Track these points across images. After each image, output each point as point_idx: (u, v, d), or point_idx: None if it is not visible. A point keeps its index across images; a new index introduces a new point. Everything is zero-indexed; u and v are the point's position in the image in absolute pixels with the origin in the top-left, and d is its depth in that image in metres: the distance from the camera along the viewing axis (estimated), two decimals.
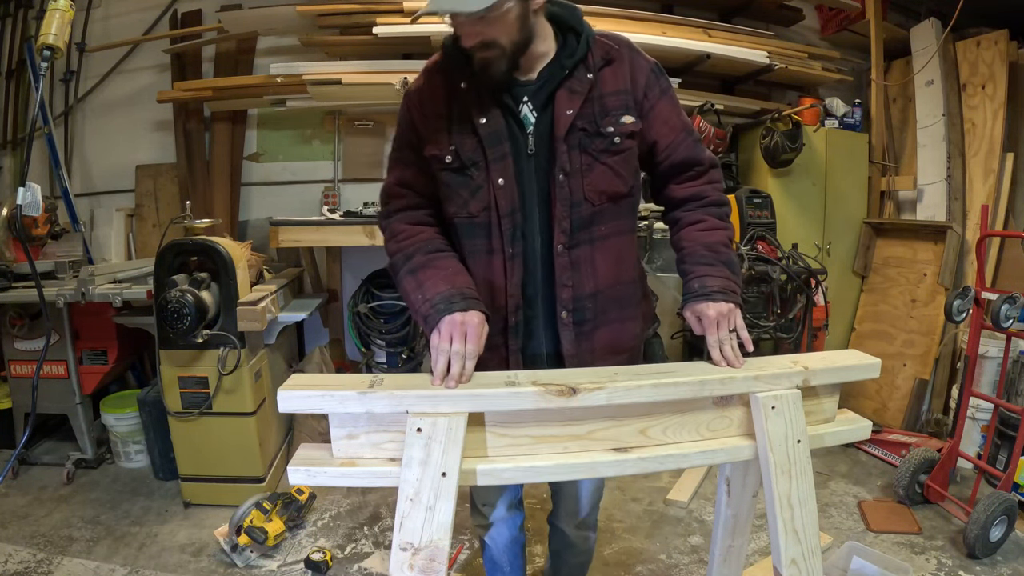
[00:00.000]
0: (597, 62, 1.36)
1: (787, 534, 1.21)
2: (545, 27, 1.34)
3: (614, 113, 1.35)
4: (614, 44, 1.39)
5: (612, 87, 1.36)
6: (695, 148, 1.41)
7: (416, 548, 1.08)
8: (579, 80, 1.34)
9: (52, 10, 1.93)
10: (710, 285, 1.30)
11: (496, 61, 1.26)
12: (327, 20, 3.58)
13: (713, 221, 1.38)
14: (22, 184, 1.94)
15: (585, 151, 1.33)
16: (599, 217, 1.36)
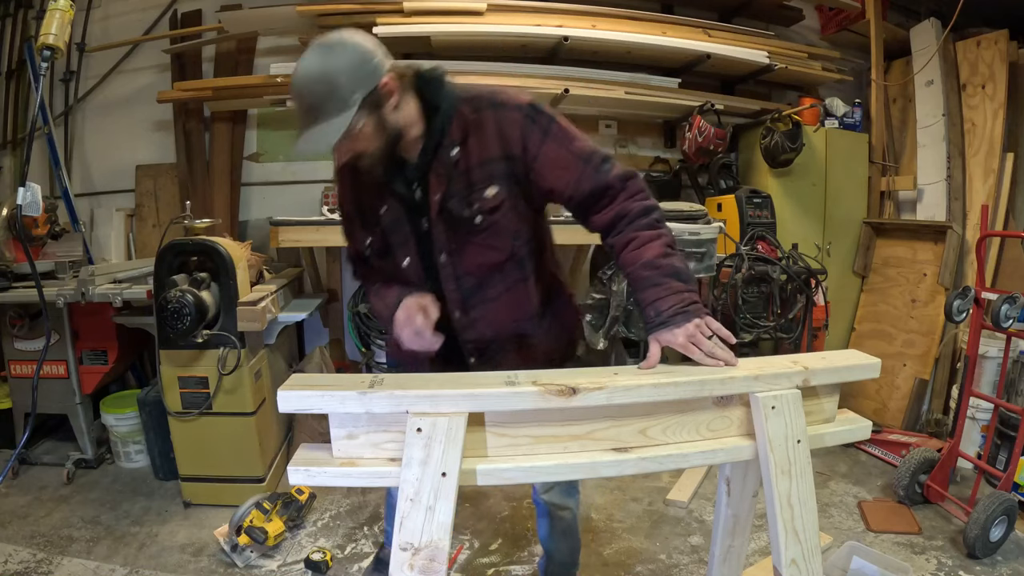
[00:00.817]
0: (459, 135, 1.36)
1: (787, 534, 1.21)
2: (411, 113, 1.35)
3: (479, 188, 1.37)
4: (474, 110, 1.36)
5: (479, 157, 1.36)
6: (598, 175, 1.37)
7: (416, 548, 1.08)
8: (442, 161, 1.37)
9: (52, 10, 1.93)
10: (664, 310, 1.27)
11: (372, 167, 1.35)
12: (327, 20, 3.58)
13: (644, 235, 1.34)
14: (22, 184, 1.94)
15: (455, 232, 1.41)
16: (487, 283, 1.46)
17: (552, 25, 3.56)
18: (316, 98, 1.22)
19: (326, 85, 1.21)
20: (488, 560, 2.34)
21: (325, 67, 1.22)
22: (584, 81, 3.62)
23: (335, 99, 1.21)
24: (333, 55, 1.23)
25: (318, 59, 1.23)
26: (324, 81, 1.21)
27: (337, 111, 1.21)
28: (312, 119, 1.23)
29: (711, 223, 3.16)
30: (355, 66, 1.23)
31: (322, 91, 1.21)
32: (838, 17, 4.12)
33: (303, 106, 1.24)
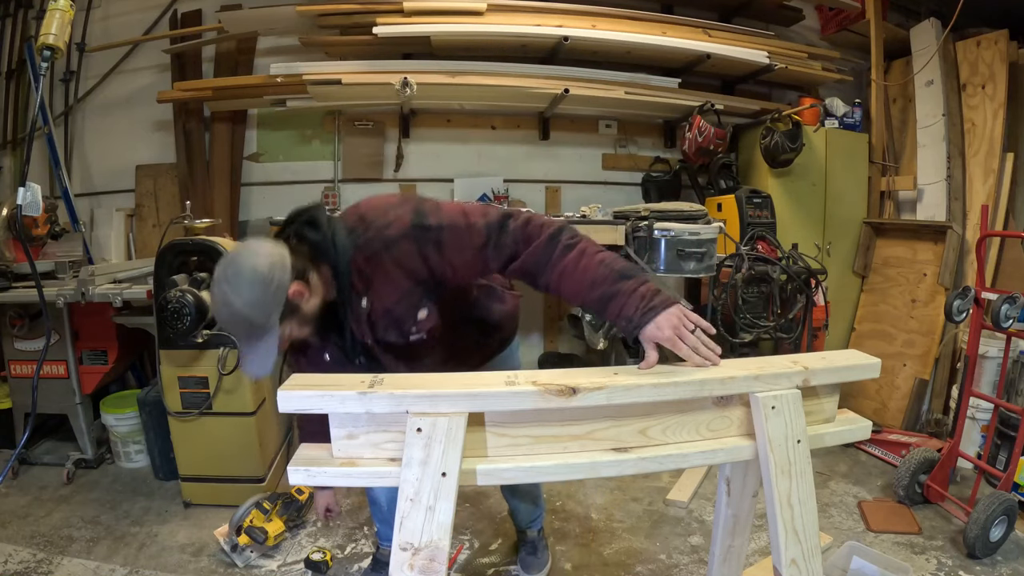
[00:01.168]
0: (362, 286, 1.40)
1: (787, 534, 1.21)
2: (323, 286, 1.39)
3: (408, 319, 1.45)
4: (367, 259, 1.38)
5: (393, 297, 1.40)
6: (499, 250, 1.37)
7: (416, 548, 1.08)
8: (356, 313, 1.43)
9: (52, 10, 1.93)
10: (632, 314, 1.25)
11: (310, 338, 1.47)
12: (327, 20, 3.58)
13: (567, 262, 1.31)
14: (22, 184, 1.94)
15: (398, 354, 1.52)
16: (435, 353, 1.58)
17: (552, 25, 3.56)
18: (241, 330, 1.30)
19: (243, 321, 1.28)
20: (488, 560, 2.34)
21: (234, 307, 1.26)
22: (584, 81, 3.62)
23: (256, 328, 1.29)
24: (237, 294, 1.25)
25: (226, 299, 1.26)
26: (240, 318, 1.27)
27: (261, 336, 1.29)
28: (247, 344, 1.31)
29: (711, 223, 3.16)
30: (259, 298, 1.26)
31: (243, 326, 1.29)
32: (838, 17, 4.12)
33: (236, 336, 1.36)
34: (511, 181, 3.99)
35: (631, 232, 3.14)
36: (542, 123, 4.05)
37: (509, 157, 4.06)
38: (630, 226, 3.15)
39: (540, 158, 4.10)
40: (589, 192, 4.08)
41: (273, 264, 1.27)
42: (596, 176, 4.16)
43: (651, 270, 3.07)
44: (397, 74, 3.37)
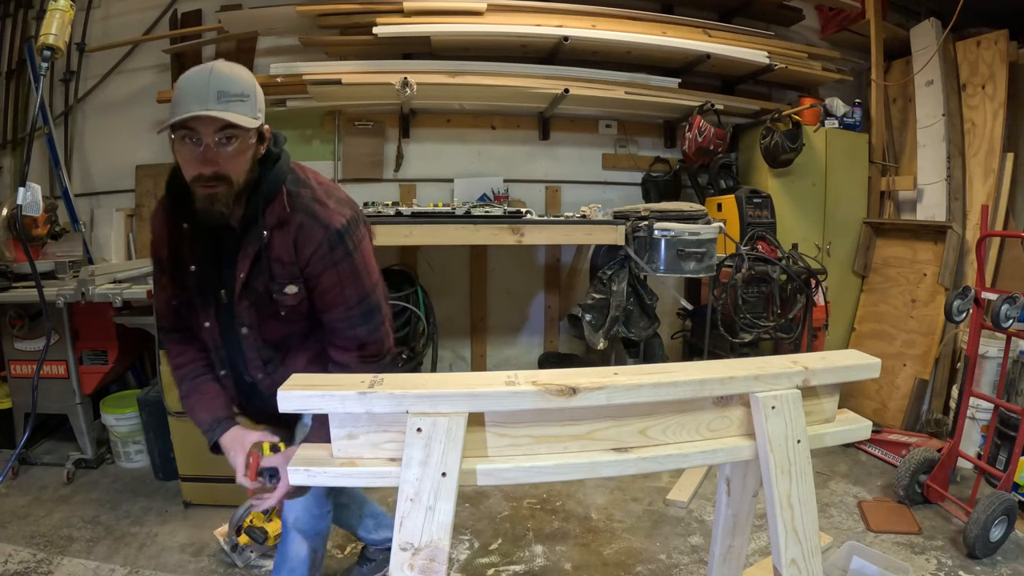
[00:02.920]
0: (272, 222, 1.39)
1: (787, 534, 1.21)
2: (252, 174, 1.39)
3: (280, 282, 1.42)
4: (289, 206, 1.40)
5: (278, 253, 1.41)
6: (353, 327, 1.46)
7: (416, 548, 1.08)
8: (252, 239, 1.40)
9: (52, 10, 1.93)
10: None
11: (222, 197, 1.32)
12: (327, 20, 3.58)
13: None
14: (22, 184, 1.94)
15: (258, 310, 1.45)
16: (286, 346, 1.52)
17: (552, 25, 3.56)
18: (236, 87, 1.29)
19: (248, 86, 1.32)
20: (488, 560, 2.34)
21: (247, 76, 1.33)
22: (584, 81, 3.62)
23: (248, 102, 1.31)
24: (248, 74, 1.35)
25: (238, 68, 1.33)
26: (247, 83, 1.32)
27: (247, 111, 1.31)
28: (226, 99, 1.27)
29: (711, 223, 3.16)
30: (260, 94, 1.37)
31: (244, 87, 1.31)
32: (838, 17, 4.12)
33: (221, 82, 1.28)
34: (511, 181, 3.99)
35: (631, 232, 3.14)
36: (542, 123, 4.05)
37: (509, 157, 4.06)
38: (630, 226, 3.15)
39: (540, 158, 4.10)
40: (589, 192, 4.08)
41: None
42: (596, 176, 4.16)
43: (651, 270, 3.08)
44: (397, 74, 3.37)
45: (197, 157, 1.29)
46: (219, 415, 1.50)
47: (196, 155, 1.29)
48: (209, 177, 1.30)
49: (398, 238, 3.11)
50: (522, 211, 3.22)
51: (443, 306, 3.94)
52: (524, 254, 4.08)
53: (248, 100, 1.32)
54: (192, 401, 1.53)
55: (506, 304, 4.13)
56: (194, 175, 1.31)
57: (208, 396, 1.52)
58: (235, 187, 1.33)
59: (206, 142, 1.28)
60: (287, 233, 1.40)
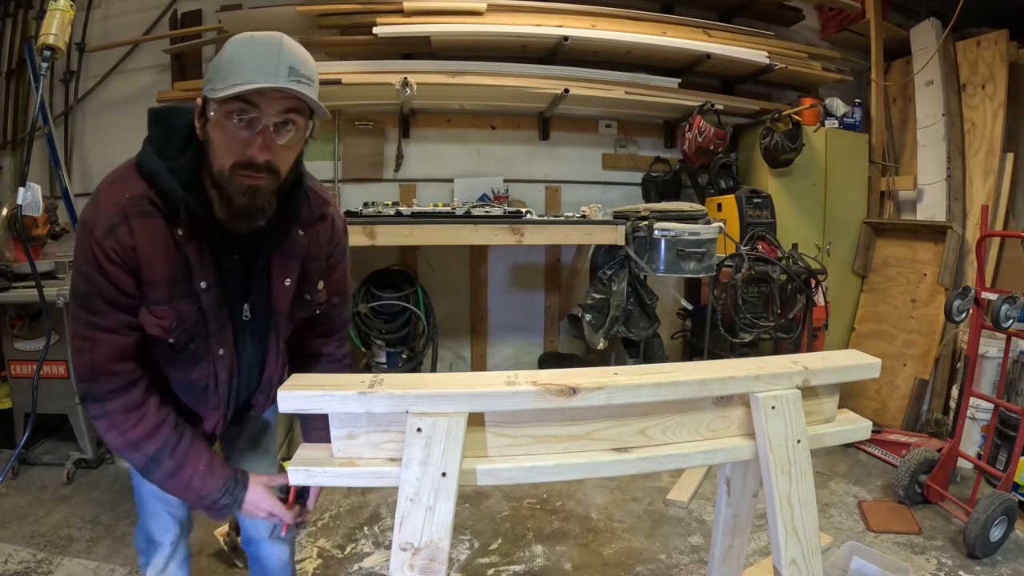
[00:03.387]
0: (307, 218, 1.26)
1: (787, 534, 1.21)
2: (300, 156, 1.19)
3: (314, 280, 1.31)
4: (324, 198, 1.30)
5: (316, 250, 1.29)
6: (343, 313, 1.45)
7: (416, 548, 1.08)
8: (294, 242, 1.23)
9: (52, 10, 1.92)
10: None
11: (265, 192, 1.10)
12: (327, 20, 3.58)
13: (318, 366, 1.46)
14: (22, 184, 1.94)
15: (292, 319, 1.33)
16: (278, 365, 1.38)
17: (552, 25, 3.56)
18: (307, 68, 1.07)
19: (315, 71, 1.10)
20: (488, 560, 2.34)
21: (313, 60, 1.11)
22: (584, 81, 3.62)
23: (314, 87, 1.09)
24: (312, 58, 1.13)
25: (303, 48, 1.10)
26: (315, 67, 1.10)
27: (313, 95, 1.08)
28: (296, 78, 1.04)
29: (711, 223, 3.16)
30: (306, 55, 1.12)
31: (313, 70, 1.09)
32: (838, 17, 4.12)
33: (292, 58, 1.05)
34: (511, 181, 3.99)
35: (631, 232, 3.14)
36: (542, 123, 4.05)
37: (509, 157, 4.06)
38: (630, 226, 3.15)
39: (540, 158, 4.10)
40: (589, 192, 4.08)
41: None
42: (596, 176, 4.16)
43: (651, 270, 3.08)
44: (397, 74, 3.37)
45: (252, 140, 1.06)
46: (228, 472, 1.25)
47: (250, 138, 1.05)
48: (260, 166, 1.07)
49: (398, 238, 3.11)
50: (522, 211, 3.22)
51: (443, 306, 3.94)
52: (524, 254, 4.08)
53: (314, 86, 1.08)
54: (188, 472, 1.19)
55: (506, 304, 4.13)
56: (241, 161, 1.06)
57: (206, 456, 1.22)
58: (279, 183, 1.13)
59: (265, 123, 1.05)
60: (326, 225, 1.31)
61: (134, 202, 1.08)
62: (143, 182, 1.09)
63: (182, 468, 1.18)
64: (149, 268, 1.09)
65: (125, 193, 1.08)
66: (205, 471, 1.20)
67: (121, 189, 1.09)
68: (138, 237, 1.07)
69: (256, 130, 1.05)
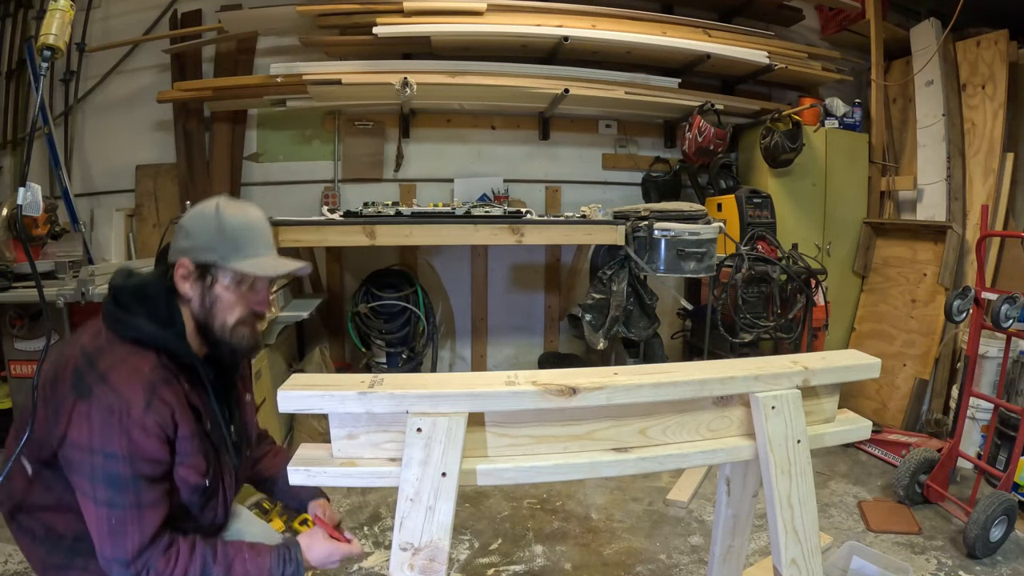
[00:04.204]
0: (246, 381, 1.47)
1: (787, 534, 1.21)
2: None
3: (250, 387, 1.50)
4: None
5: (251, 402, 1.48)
6: None
7: (416, 548, 1.08)
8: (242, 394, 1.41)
9: (52, 10, 1.92)
10: None
11: (255, 334, 1.32)
12: (327, 20, 3.58)
13: None
14: (22, 184, 1.93)
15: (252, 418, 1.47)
16: None
17: (552, 25, 3.56)
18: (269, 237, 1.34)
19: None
20: (488, 560, 2.34)
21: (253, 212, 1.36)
22: (584, 81, 3.62)
23: None
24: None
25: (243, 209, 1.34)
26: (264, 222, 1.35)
27: None
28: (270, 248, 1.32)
29: (711, 223, 3.16)
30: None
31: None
32: (838, 17, 4.12)
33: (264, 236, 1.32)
34: (511, 181, 3.99)
35: (631, 232, 3.14)
36: (542, 123, 4.06)
37: (509, 157, 4.06)
38: (630, 226, 3.15)
39: (540, 158, 4.10)
40: (589, 192, 4.08)
41: None
42: (596, 176, 4.16)
43: (651, 270, 3.08)
44: (397, 74, 3.37)
45: (257, 299, 1.29)
46: (277, 541, 1.32)
47: (256, 297, 1.29)
48: (261, 316, 1.32)
49: (398, 238, 3.11)
50: (522, 211, 3.22)
51: (443, 306, 3.94)
52: (524, 254, 4.08)
53: None
54: (239, 566, 1.19)
55: (506, 304, 4.13)
56: (245, 316, 1.27)
57: (244, 544, 1.24)
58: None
59: (267, 285, 1.32)
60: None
61: (154, 372, 1.14)
62: (149, 351, 1.16)
63: (232, 567, 1.19)
64: (181, 426, 1.16)
65: (143, 368, 1.13)
66: (251, 555, 1.21)
67: (135, 366, 1.13)
68: (172, 402, 1.14)
69: (263, 290, 1.30)
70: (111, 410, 1.07)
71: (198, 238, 1.23)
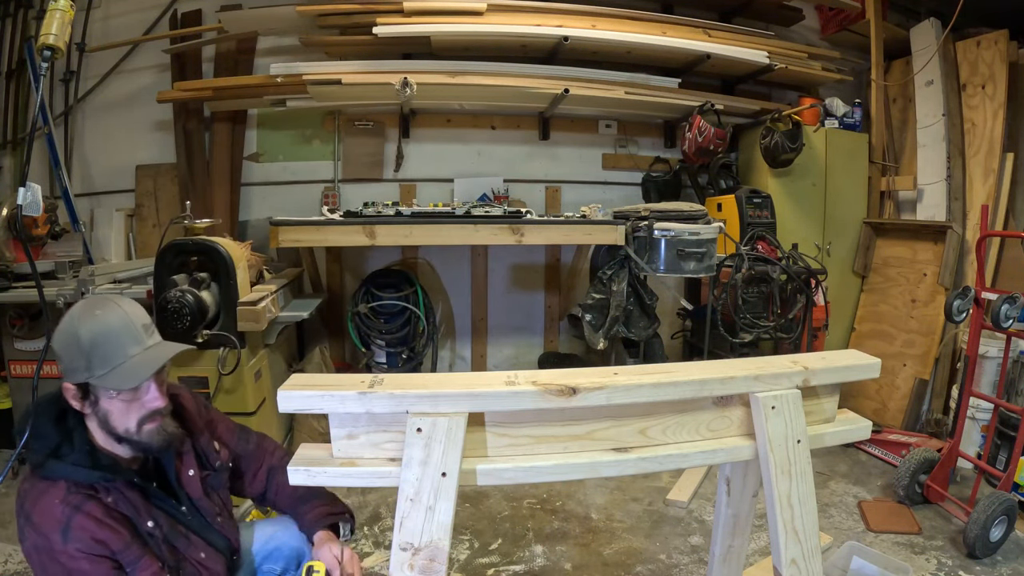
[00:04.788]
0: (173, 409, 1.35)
1: (787, 534, 1.21)
2: None
3: (211, 450, 1.44)
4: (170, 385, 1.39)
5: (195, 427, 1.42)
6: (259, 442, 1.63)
7: (416, 548, 1.08)
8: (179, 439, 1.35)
9: (52, 10, 1.93)
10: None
11: (170, 424, 1.28)
12: (327, 20, 3.58)
13: None
14: (22, 184, 1.94)
15: (217, 490, 1.43)
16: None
17: (552, 25, 3.56)
18: (145, 314, 1.29)
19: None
20: (488, 560, 2.34)
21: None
22: (584, 81, 3.62)
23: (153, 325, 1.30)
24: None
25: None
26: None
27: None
28: (150, 328, 1.28)
29: (711, 223, 3.16)
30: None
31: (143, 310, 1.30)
32: (838, 17, 4.12)
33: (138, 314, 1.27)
34: (511, 181, 3.99)
35: (631, 232, 3.14)
36: (542, 123, 4.05)
37: (509, 157, 4.06)
38: (630, 226, 3.15)
39: (540, 158, 4.10)
40: (589, 192, 4.08)
41: None
42: (596, 176, 4.16)
43: (651, 270, 3.08)
44: (397, 74, 3.37)
45: (148, 398, 1.23)
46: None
47: (146, 397, 1.23)
48: (162, 410, 1.25)
49: (398, 238, 3.11)
50: (522, 211, 3.22)
51: (443, 306, 3.94)
52: (524, 254, 4.08)
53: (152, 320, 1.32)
54: None
55: (506, 304, 4.13)
56: (144, 415, 1.23)
57: None
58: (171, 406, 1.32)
59: (151, 379, 1.23)
60: (184, 412, 1.40)
61: (67, 502, 1.16)
62: (60, 482, 1.18)
63: None
64: (112, 542, 1.17)
65: (54, 500, 1.16)
66: None
67: (47, 502, 1.16)
68: (89, 525, 1.15)
69: (153, 385, 1.23)
70: (38, 548, 1.15)
71: (65, 360, 1.21)
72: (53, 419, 1.24)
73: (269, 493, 1.55)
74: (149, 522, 1.24)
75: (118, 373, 1.19)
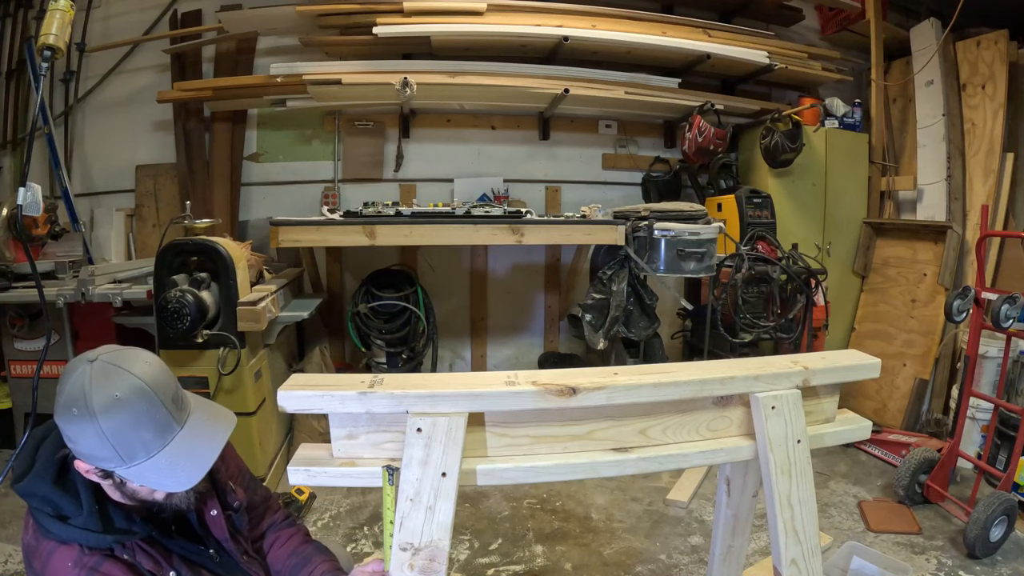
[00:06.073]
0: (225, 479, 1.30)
1: (787, 534, 1.21)
2: None
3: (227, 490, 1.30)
4: None
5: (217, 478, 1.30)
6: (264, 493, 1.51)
7: (416, 548, 1.08)
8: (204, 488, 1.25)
9: (52, 10, 1.93)
10: None
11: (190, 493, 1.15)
12: (327, 20, 3.58)
13: None
14: (22, 184, 1.94)
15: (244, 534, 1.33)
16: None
17: (552, 25, 3.56)
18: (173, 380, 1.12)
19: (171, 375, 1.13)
20: (488, 560, 2.34)
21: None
22: (584, 81, 3.62)
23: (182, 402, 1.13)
24: None
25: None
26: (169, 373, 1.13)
27: None
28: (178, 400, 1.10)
29: (711, 223, 3.16)
30: None
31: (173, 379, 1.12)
32: (838, 17, 4.12)
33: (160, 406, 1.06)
34: (511, 181, 3.99)
35: (631, 232, 3.14)
36: (542, 123, 4.05)
37: (509, 157, 4.06)
38: (630, 226, 3.15)
39: (540, 158, 4.10)
40: (589, 192, 4.09)
41: None
42: (596, 176, 4.16)
43: (651, 270, 3.08)
44: (397, 74, 3.37)
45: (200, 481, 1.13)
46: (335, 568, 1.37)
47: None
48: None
49: (398, 238, 3.11)
50: (522, 211, 3.22)
51: (443, 306, 3.94)
52: (524, 254, 4.08)
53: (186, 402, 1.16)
54: None
55: (506, 304, 4.13)
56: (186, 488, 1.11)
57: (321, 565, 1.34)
58: None
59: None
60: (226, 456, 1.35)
61: (80, 564, 1.07)
62: (72, 546, 1.09)
63: None
64: None
65: (66, 563, 1.08)
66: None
67: (59, 563, 1.08)
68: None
69: None
70: None
71: (84, 446, 1.05)
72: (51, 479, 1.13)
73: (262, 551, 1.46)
74: (171, 572, 1.15)
75: (157, 469, 1.04)
